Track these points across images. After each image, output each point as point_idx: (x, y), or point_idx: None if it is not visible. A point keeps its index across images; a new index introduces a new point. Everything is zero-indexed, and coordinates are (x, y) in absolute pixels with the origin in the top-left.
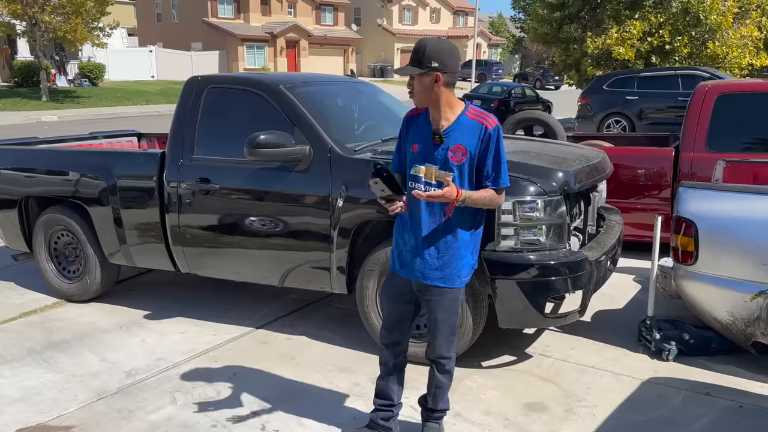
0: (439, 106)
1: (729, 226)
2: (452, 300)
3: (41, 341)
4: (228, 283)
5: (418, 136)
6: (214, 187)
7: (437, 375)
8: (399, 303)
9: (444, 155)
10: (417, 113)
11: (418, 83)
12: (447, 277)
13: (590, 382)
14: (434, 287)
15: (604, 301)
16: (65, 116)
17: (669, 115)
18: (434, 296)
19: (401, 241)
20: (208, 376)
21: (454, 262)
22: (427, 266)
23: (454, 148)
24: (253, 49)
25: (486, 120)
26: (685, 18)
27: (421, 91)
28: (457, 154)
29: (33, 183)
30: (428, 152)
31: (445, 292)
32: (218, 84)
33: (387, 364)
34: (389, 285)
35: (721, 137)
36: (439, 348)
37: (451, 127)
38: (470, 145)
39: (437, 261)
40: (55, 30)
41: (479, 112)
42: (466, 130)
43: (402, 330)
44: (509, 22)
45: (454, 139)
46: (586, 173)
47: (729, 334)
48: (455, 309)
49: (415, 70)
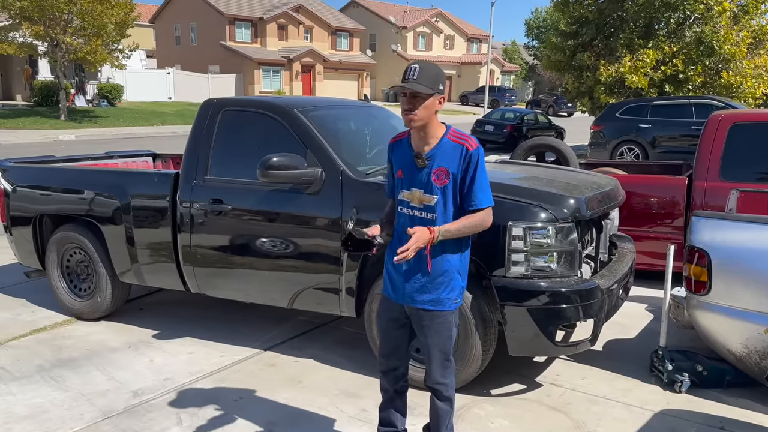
0: (427, 129)
1: (743, 257)
2: (444, 324)
3: (50, 359)
4: (237, 304)
5: (403, 161)
6: (226, 208)
7: (436, 402)
8: (393, 328)
9: (427, 178)
10: (400, 138)
11: (425, 106)
12: (437, 301)
13: (601, 413)
14: (425, 311)
15: (615, 330)
16: (82, 135)
17: (682, 144)
18: (425, 320)
19: (391, 265)
20: (214, 397)
21: (443, 285)
22: (416, 290)
23: (436, 171)
24: (269, 73)
25: (467, 141)
26: (699, 48)
27: (425, 112)
28: (440, 176)
29: (48, 201)
30: (412, 176)
31: (436, 316)
32: (233, 106)
33: (387, 391)
34: (382, 310)
35: (735, 167)
36: (434, 374)
37: (433, 150)
38: (452, 166)
39: (427, 284)
40: (76, 51)
41: (459, 133)
42: (448, 152)
43: (399, 355)
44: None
45: (437, 162)
46: (598, 200)
47: (743, 367)
48: (448, 333)
49: (430, 90)
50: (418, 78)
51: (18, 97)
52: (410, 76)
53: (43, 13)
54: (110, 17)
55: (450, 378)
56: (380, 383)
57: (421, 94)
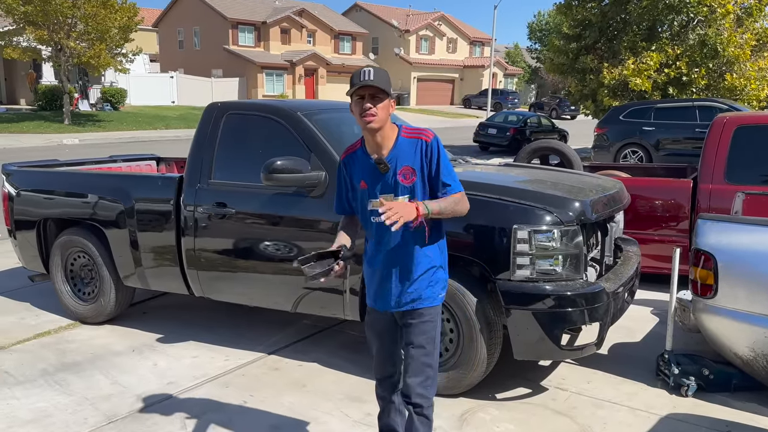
0: (383, 132)
1: (749, 260)
2: (428, 322)
3: (54, 363)
4: (241, 308)
5: (363, 171)
6: (230, 212)
7: (414, 420)
8: (383, 337)
9: (393, 181)
10: (352, 150)
11: (384, 107)
12: (421, 298)
13: (606, 417)
14: (409, 311)
15: (621, 333)
16: (86, 139)
17: (686, 146)
18: (412, 319)
19: (371, 272)
20: (218, 401)
21: (425, 281)
22: (401, 292)
23: (401, 171)
24: (272, 77)
25: (422, 134)
26: (702, 50)
27: (384, 113)
28: (407, 176)
29: (52, 205)
30: (378, 183)
31: (421, 314)
32: (237, 110)
33: (385, 398)
34: (370, 321)
35: (740, 169)
36: (411, 382)
37: (392, 152)
38: (415, 163)
39: (410, 284)
40: (80, 55)
41: (413, 129)
42: (407, 150)
43: (394, 362)
44: (525, 52)
45: (399, 163)
46: (603, 203)
47: (750, 370)
48: (432, 333)
49: (389, 90)
50: (375, 79)
51: (22, 101)
52: (366, 78)
53: (47, 18)
54: (114, 21)
55: (431, 392)
56: (376, 391)
57: (380, 95)
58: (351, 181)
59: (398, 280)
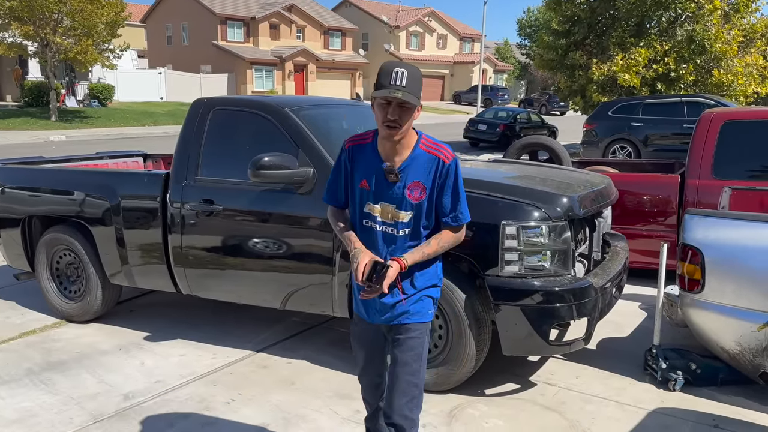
0: (402, 141)
1: (736, 254)
2: (418, 338)
3: (40, 362)
4: (229, 306)
5: (368, 171)
6: (217, 209)
7: None
8: (369, 348)
9: (401, 194)
10: (363, 142)
11: (410, 118)
12: (412, 312)
13: (595, 412)
14: (398, 325)
15: (609, 328)
16: (73, 136)
17: (674, 142)
18: (400, 333)
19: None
20: (206, 400)
21: (419, 296)
22: (390, 307)
23: (411, 186)
24: (261, 73)
25: (442, 152)
26: (690, 46)
27: (409, 126)
28: (415, 192)
29: (37, 202)
30: (382, 190)
31: (410, 329)
32: (224, 106)
33: (371, 404)
34: (357, 330)
35: (727, 164)
36: (396, 403)
37: (406, 162)
38: (427, 181)
39: (401, 300)
40: (66, 51)
41: (433, 143)
42: (422, 164)
43: (380, 372)
44: (515, 48)
45: (410, 176)
46: (590, 199)
47: (737, 365)
48: (420, 350)
49: (418, 102)
50: (407, 86)
51: (8, 97)
52: (398, 82)
53: (33, 13)
54: (101, 17)
55: (416, 413)
56: (362, 394)
57: (409, 105)
58: (352, 174)
59: (389, 297)
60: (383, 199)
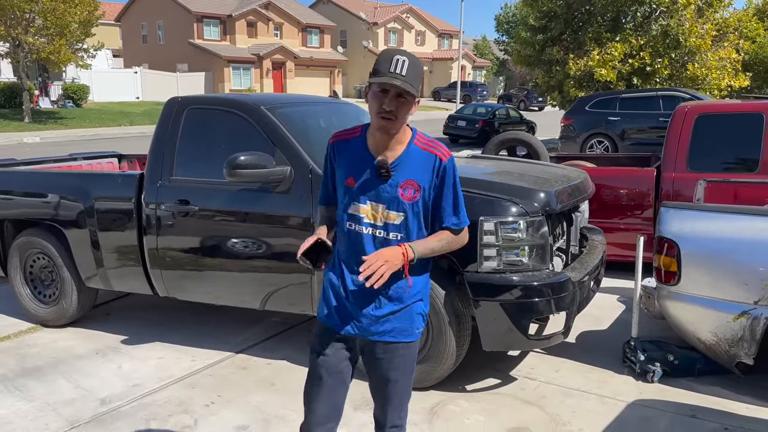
0: (397, 135)
1: (711, 246)
2: (409, 357)
3: (14, 368)
4: (208, 307)
5: (355, 167)
6: (193, 209)
7: None
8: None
9: (393, 192)
10: (350, 137)
11: (407, 110)
12: (402, 330)
13: (575, 405)
14: (386, 343)
15: (588, 322)
16: (48, 137)
17: (651, 136)
18: (386, 354)
19: (337, 283)
20: (185, 403)
21: (407, 312)
22: (375, 319)
23: (404, 184)
24: (239, 71)
25: (439, 150)
26: (665, 41)
27: (405, 118)
28: (409, 191)
29: (9, 205)
30: (371, 188)
31: (401, 348)
32: (198, 105)
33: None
34: (319, 345)
35: (702, 157)
36: (390, 415)
37: (400, 158)
38: (423, 179)
39: (387, 311)
40: (39, 51)
41: (429, 140)
42: (417, 161)
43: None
44: (493, 44)
45: (403, 173)
46: (567, 193)
47: (713, 355)
48: (411, 366)
49: (417, 93)
50: (407, 75)
51: None
52: (398, 70)
53: (3, 13)
54: (74, 16)
55: (406, 417)
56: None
57: (407, 96)
58: (336, 171)
59: (372, 303)
60: (372, 198)
